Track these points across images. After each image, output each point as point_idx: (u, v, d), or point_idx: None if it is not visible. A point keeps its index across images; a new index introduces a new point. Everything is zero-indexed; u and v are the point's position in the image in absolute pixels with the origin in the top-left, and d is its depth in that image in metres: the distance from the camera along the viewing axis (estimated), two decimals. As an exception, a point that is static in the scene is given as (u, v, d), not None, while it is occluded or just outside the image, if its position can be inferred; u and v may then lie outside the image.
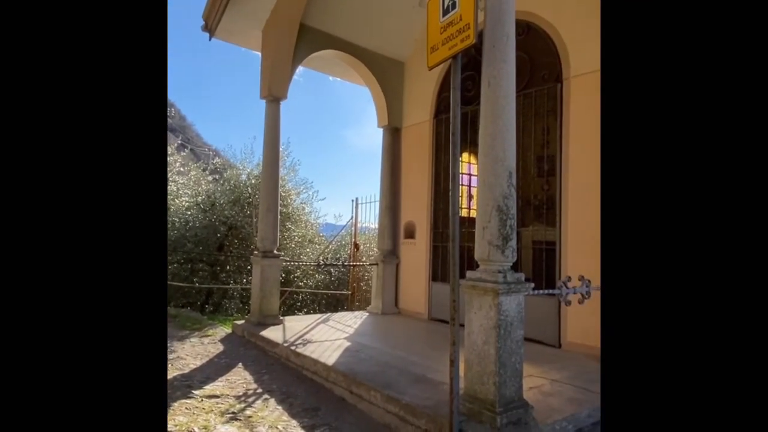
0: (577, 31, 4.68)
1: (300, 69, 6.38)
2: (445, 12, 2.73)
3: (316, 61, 6.74)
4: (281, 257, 6.04)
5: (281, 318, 5.85)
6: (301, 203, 11.63)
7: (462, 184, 6.35)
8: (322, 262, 6.95)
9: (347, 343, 4.65)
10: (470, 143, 5.84)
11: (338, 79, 7.73)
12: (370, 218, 8.83)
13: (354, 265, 8.62)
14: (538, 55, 5.07)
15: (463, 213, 6.29)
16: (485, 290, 2.64)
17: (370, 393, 3.27)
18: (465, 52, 6.02)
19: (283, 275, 9.64)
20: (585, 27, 4.57)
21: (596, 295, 3.85)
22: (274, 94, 5.79)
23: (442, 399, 2.93)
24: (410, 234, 6.84)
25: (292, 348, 4.44)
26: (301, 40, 5.91)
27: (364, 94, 7.45)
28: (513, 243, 2.72)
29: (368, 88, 7.07)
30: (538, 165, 5.29)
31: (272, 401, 3.49)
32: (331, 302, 10.15)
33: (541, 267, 5.03)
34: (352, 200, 8.78)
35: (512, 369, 2.64)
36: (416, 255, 6.65)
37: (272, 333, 5.12)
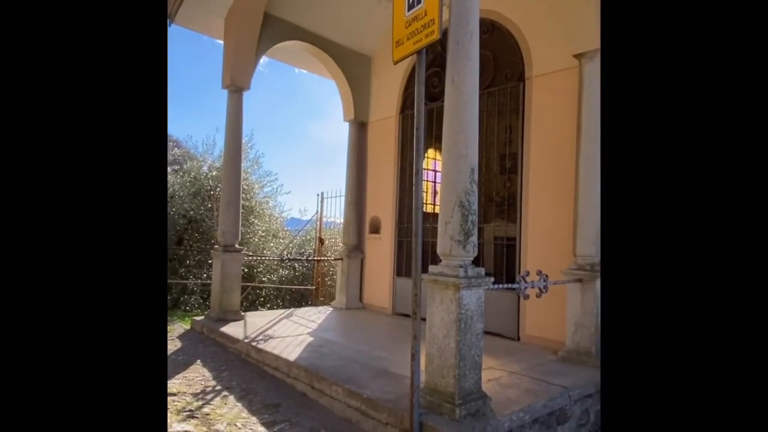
0: (540, 32, 4.79)
1: (265, 60, 6.25)
2: (410, 7, 2.73)
3: (281, 51, 6.60)
4: (243, 251, 5.91)
5: (242, 314, 5.74)
6: (265, 197, 11.41)
7: (427, 180, 6.41)
8: (285, 257, 6.86)
9: (310, 339, 4.61)
10: (436, 140, 5.89)
11: (304, 71, 7.62)
12: (336, 213, 8.78)
13: (318, 260, 8.55)
14: (502, 53, 5.16)
15: (428, 209, 6.35)
16: (446, 284, 2.67)
17: (331, 388, 3.26)
18: (431, 48, 6.04)
19: (246, 270, 9.44)
20: (548, 28, 4.69)
21: (553, 290, 3.97)
22: (236, 83, 5.64)
23: (403, 392, 2.95)
24: (375, 229, 6.85)
25: (253, 344, 4.36)
26: (265, 29, 5.77)
27: (330, 88, 7.37)
28: (474, 238, 2.76)
29: (334, 81, 7.00)
30: (501, 162, 5.40)
31: (231, 398, 3.42)
32: (295, 297, 10.03)
33: (503, 262, 5.15)
34: (318, 194, 8.70)
35: (472, 362, 2.69)
36: (381, 250, 6.66)
37: (233, 329, 5.01)
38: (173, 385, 3.65)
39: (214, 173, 10.31)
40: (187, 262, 9.77)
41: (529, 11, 4.89)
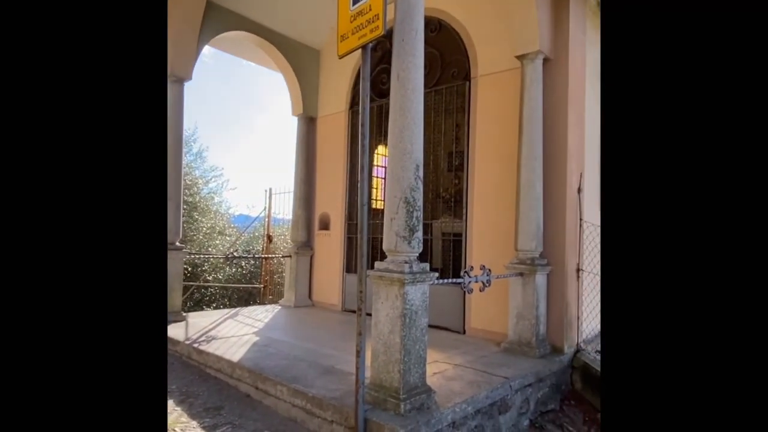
0: (484, 32, 4.90)
1: (210, 50, 5.99)
2: (355, 1, 2.71)
3: (225, 42, 6.36)
4: (185, 249, 5.66)
5: (184, 314, 5.50)
6: (210, 192, 11.02)
7: (378, 177, 6.42)
8: (231, 255, 6.63)
9: (256, 338, 4.49)
10: (385, 136, 5.89)
11: (252, 63, 7.39)
12: (285, 209, 8.62)
13: (266, 258, 8.35)
14: (449, 52, 5.24)
15: (379, 205, 6.36)
16: (392, 280, 2.68)
17: (276, 388, 3.19)
18: (380, 45, 6.01)
19: (189, 269, 9.07)
20: (492, 28, 4.80)
21: (498, 283, 4.10)
22: (176, 74, 5.38)
23: (349, 389, 2.94)
24: (325, 225, 6.78)
25: (195, 345, 4.19)
26: (208, 18, 5.54)
27: (278, 81, 7.20)
28: (419, 234, 2.79)
29: (282, 74, 6.84)
30: (449, 160, 5.49)
31: (170, 402, 3.27)
32: (242, 296, 9.76)
33: (450, 257, 5.25)
34: (266, 190, 8.50)
35: (416, 356, 2.72)
36: (331, 247, 6.61)
37: (173, 330, 4.79)
38: (106, 392, 3.44)
39: (154, 167, 9.81)
40: (125, 261, 9.26)
41: (474, 12, 4.99)
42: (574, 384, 4.13)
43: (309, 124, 6.92)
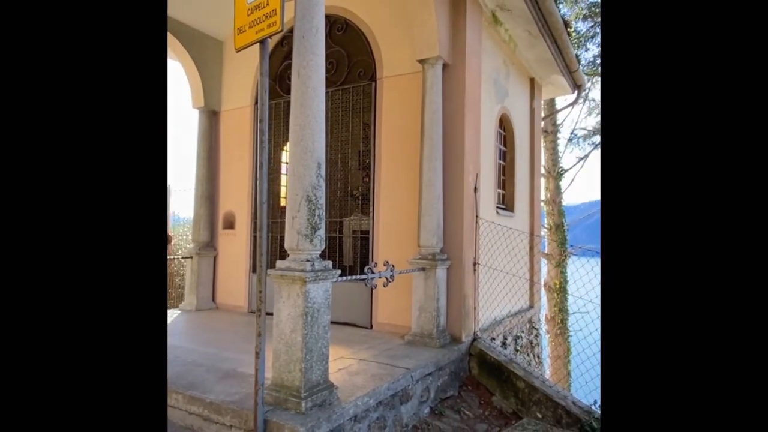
0: (389, 35, 5.02)
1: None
2: (252, -6, 2.64)
3: (114, 25, 5.82)
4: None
5: (66, 324, 4.96)
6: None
7: (287, 174, 6.29)
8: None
9: (150, 346, 4.19)
10: (292, 133, 5.80)
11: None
12: (187, 208, 8.11)
13: (166, 259, 7.79)
14: (355, 52, 5.30)
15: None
16: (293, 279, 2.66)
17: (171, 396, 3.01)
18: (288, 39, 5.88)
19: (74, 274, 8.16)
20: (396, 32, 4.94)
21: (401, 278, 4.26)
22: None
23: (250, 392, 2.86)
24: (230, 224, 6.50)
25: (77, 358, 3.80)
26: None
27: (176, 70, 6.72)
28: (321, 233, 2.80)
29: (181, 64, 6.42)
30: (359, 159, 5.55)
31: (44, 423, 2.94)
32: (138, 302, 9.01)
33: (359, 254, 5.32)
34: (164, 187, 7.92)
35: (318, 354, 2.73)
36: (236, 246, 6.35)
37: (51, 343, 4.29)
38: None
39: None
40: None
41: (378, 14, 5.08)
42: (471, 370, 4.42)
43: (212, 118, 6.58)
